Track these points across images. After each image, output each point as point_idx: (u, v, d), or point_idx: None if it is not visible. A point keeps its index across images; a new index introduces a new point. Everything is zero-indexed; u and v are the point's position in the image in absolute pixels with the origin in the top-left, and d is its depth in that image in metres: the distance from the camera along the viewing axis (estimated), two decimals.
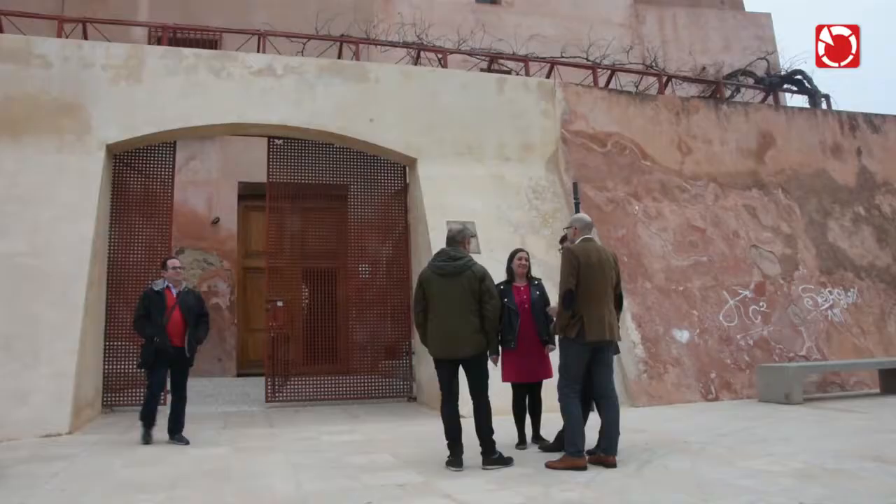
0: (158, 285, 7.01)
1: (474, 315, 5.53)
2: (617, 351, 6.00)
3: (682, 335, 9.89)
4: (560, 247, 6.44)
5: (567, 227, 6.12)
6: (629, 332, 9.46)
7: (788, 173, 12.12)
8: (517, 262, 6.55)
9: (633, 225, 10.57)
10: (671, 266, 10.45)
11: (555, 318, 6.10)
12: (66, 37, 10.13)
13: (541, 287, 6.58)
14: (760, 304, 10.67)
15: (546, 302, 6.42)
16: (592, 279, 5.50)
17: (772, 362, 9.97)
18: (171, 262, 7.14)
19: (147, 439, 6.76)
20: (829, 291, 11.24)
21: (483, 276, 5.65)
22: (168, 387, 7.17)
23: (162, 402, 7.17)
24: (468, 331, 5.50)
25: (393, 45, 11.82)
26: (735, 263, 10.89)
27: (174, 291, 7.02)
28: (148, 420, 6.84)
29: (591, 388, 5.72)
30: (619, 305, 5.79)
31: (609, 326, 5.52)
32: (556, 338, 5.88)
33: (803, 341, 10.56)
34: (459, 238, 5.83)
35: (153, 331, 6.79)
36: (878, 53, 24.91)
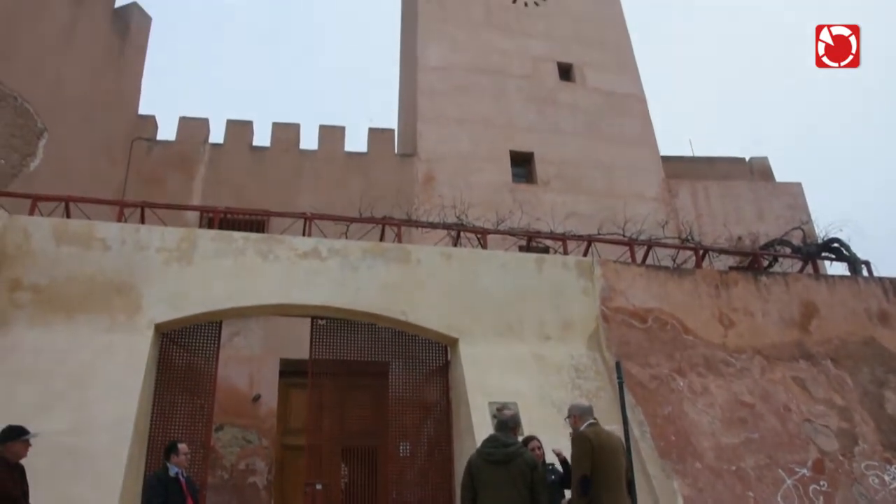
0: (172, 471, 6.84)
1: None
2: None
3: None
4: (570, 429, 6.31)
5: (566, 417, 6.10)
6: None
7: (836, 343, 11.85)
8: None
9: (678, 402, 10.29)
10: (721, 444, 10.03)
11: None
12: (126, 220, 10.72)
13: (555, 471, 6.65)
14: (821, 483, 10.08)
15: (561, 480, 6.41)
16: (606, 464, 5.38)
17: None
18: (182, 448, 7.05)
19: None
20: None
21: (535, 464, 5.57)
22: None
23: None
24: None
25: (433, 226, 12.25)
26: (789, 440, 10.41)
27: (183, 478, 6.91)
28: None
29: None
30: (630, 493, 5.62)
31: None
32: None
33: None
34: (511, 424, 5.81)
35: None
36: None
